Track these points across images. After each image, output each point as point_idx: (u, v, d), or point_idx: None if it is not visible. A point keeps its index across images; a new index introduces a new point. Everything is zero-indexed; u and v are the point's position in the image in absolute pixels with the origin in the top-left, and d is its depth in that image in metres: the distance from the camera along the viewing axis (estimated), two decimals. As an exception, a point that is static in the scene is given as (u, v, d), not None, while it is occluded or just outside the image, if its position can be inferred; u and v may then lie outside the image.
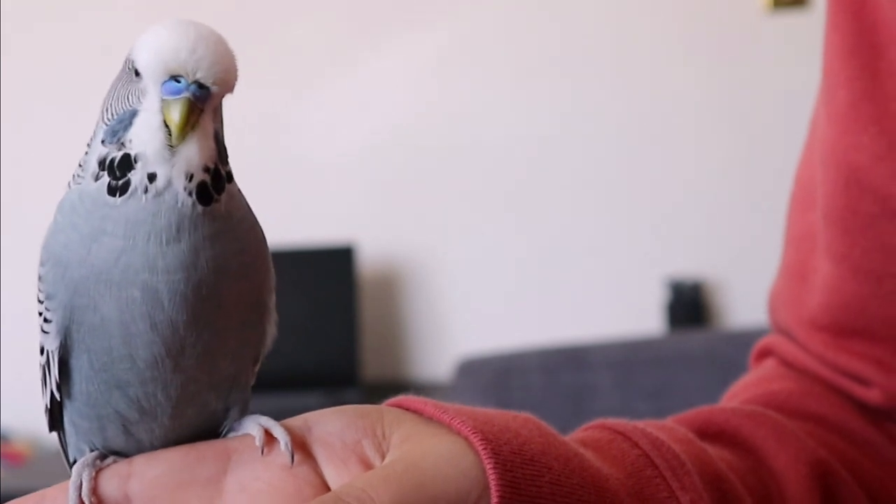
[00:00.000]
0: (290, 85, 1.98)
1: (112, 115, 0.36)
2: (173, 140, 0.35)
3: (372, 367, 1.97)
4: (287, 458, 0.37)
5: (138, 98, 0.36)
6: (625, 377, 1.12)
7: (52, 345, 0.37)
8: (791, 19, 1.88)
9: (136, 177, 0.35)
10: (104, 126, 0.36)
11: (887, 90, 0.51)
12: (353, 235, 1.90)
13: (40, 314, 0.38)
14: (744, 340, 1.14)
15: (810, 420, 0.53)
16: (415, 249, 2.00)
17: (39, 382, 0.39)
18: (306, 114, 1.99)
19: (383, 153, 1.99)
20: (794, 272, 0.59)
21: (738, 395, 0.57)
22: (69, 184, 0.38)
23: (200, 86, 0.35)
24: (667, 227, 1.94)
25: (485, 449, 0.37)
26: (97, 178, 0.36)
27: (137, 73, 0.36)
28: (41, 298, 0.38)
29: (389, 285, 2.01)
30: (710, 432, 0.50)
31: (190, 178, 0.35)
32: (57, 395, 0.38)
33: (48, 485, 0.38)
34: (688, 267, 1.91)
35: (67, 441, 0.40)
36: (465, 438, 0.38)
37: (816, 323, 0.56)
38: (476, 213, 1.98)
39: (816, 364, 0.56)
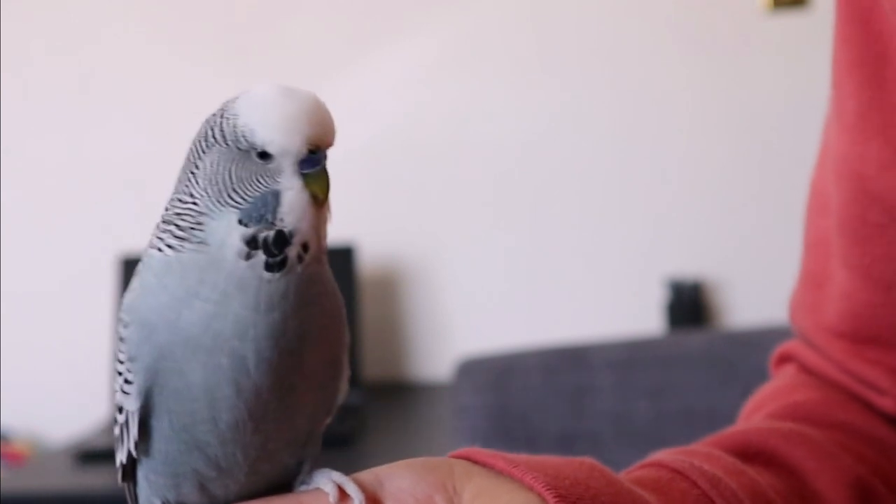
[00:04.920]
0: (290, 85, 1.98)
1: (241, 198, 0.36)
2: (320, 209, 0.38)
3: (372, 367, 1.97)
4: None
5: (272, 178, 0.37)
6: (625, 377, 1.12)
7: (133, 406, 0.37)
8: (791, 19, 1.88)
9: (293, 251, 0.36)
10: (232, 209, 0.36)
11: (893, 100, 0.51)
12: (353, 235, 1.90)
13: (120, 374, 0.38)
14: (744, 340, 1.14)
15: (838, 429, 0.53)
16: (415, 249, 2.00)
17: (116, 440, 0.39)
18: (306, 114, 1.98)
19: (383, 153, 1.99)
20: (811, 278, 0.59)
21: (762, 406, 0.57)
22: (155, 247, 0.38)
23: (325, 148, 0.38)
24: (666, 227, 1.94)
25: None
26: (248, 258, 0.36)
27: (263, 154, 0.37)
28: (122, 359, 0.38)
29: (389, 285, 2.01)
30: (748, 454, 0.50)
31: (305, 247, 0.37)
32: (133, 454, 0.39)
33: (48, 485, 0.38)
34: (688, 267, 1.91)
35: (139, 494, 0.41)
36: (539, 495, 0.38)
37: (834, 330, 0.56)
38: (476, 214, 1.98)
39: (836, 371, 0.57)
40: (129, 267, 1.89)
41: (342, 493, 0.38)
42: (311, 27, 1.99)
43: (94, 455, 1.57)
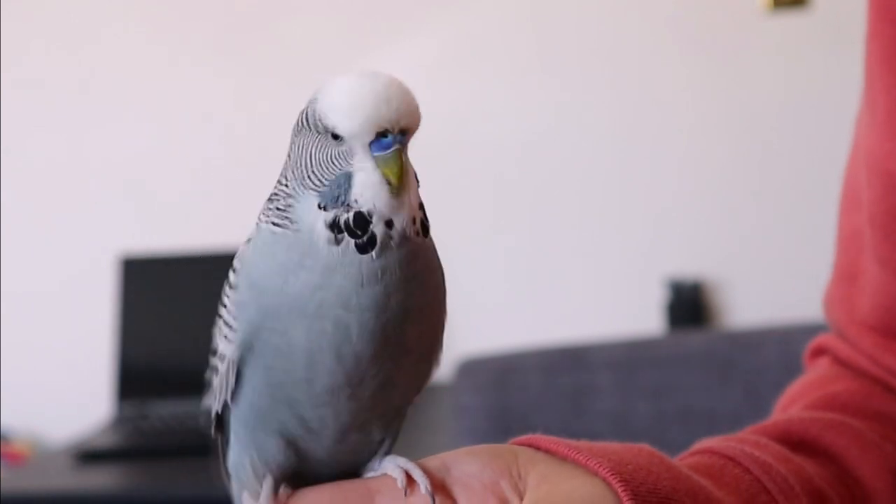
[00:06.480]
0: (290, 85, 1.98)
1: (319, 180, 0.37)
2: (396, 191, 0.37)
3: (372, 367, 1.97)
4: (428, 501, 0.39)
5: (345, 159, 0.37)
6: (625, 377, 1.12)
7: (234, 354, 0.38)
8: (791, 19, 1.88)
9: (379, 230, 0.37)
10: (313, 192, 0.37)
11: None
12: (353, 235, 1.90)
13: (224, 321, 0.39)
14: (744, 340, 1.14)
15: (875, 419, 0.54)
16: (415, 249, 2.00)
17: (215, 388, 0.40)
18: (306, 114, 1.99)
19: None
20: (844, 272, 0.59)
21: (798, 398, 0.58)
22: (265, 221, 0.39)
23: (402, 132, 0.38)
24: (666, 227, 1.94)
25: (624, 491, 0.39)
26: (338, 242, 0.36)
27: (336, 136, 0.37)
28: (228, 304, 0.38)
29: (389, 285, 2.01)
30: (790, 442, 0.50)
31: (414, 220, 0.38)
32: (230, 403, 0.40)
33: (48, 485, 0.39)
34: (688, 267, 1.91)
35: (229, 451, 0.42)
36: (603, 479, 0.39)
37: (867, 323, 0.57)
38: (476, 214, 1.98)
39: (869, 363, 0.57)
40: (129, 267, 1.89)
41: (409, 479, 0.39)
42: (311, 27, 1.99)
43: (94, 455, 1.57)
